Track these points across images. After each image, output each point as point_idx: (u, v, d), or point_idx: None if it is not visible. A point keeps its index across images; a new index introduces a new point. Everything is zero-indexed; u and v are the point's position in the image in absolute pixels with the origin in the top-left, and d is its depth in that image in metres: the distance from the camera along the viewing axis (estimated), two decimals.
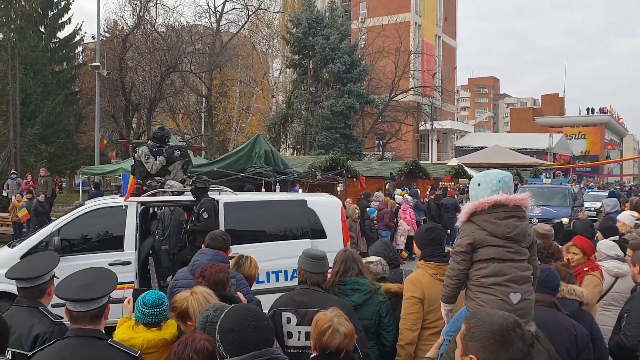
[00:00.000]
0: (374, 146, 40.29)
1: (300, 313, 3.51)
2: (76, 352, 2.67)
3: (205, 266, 3.93)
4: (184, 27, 30.93)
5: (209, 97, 31.74)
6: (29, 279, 3.24)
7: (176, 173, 8.46)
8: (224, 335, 2.39)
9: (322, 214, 7.79)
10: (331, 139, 28.94)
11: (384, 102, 35.19)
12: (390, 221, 13.50)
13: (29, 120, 28.92)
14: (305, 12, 31.04)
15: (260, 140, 14.08)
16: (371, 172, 20.55)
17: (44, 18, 33.49)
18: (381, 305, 3.88)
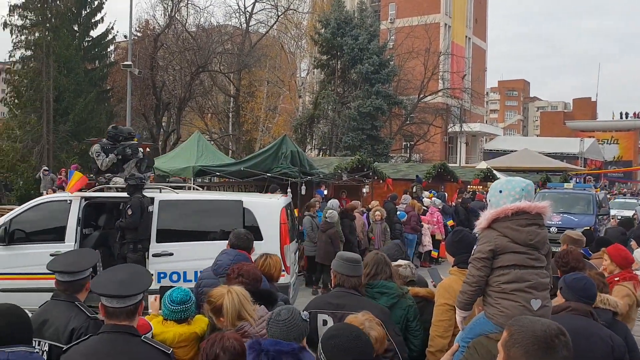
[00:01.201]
0: (401, 148, 40.06)
1: (337, 316, 3.49)
2: (110, 347, 2.71)
3: (238, 265, 3.94)
4: (214, 27, 31.23)
5: (237, 97, 31.96)
6: (71, 273, 3.32)
7: (129, 170, 8.52)
8: (327, 342, 2.46)
9: (260, 216, 7.57)
10: (358, 140, 28.85)
11: (412, 103, 34.97)
12: (417, 224, 13.40)
13: (61, 117, 29.54)
14: (334, 13, 31.01)
15: (287, 141, 14.09)
16: (398, 174, 20.40)
17: (78, 17, 34.14)
18: (409, 309, 3.84)
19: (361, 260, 3.78)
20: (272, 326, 2.88)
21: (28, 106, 29.04)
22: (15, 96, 30.78)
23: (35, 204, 7.82)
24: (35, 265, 7.27)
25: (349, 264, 3.66)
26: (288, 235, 7.56)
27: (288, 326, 2.86)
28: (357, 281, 3.66)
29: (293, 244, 8.05)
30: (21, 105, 29.93)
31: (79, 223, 7.59)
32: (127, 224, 7.60)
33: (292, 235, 8.02)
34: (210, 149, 15.81)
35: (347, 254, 3.80)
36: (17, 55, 30.25)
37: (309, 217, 11.37)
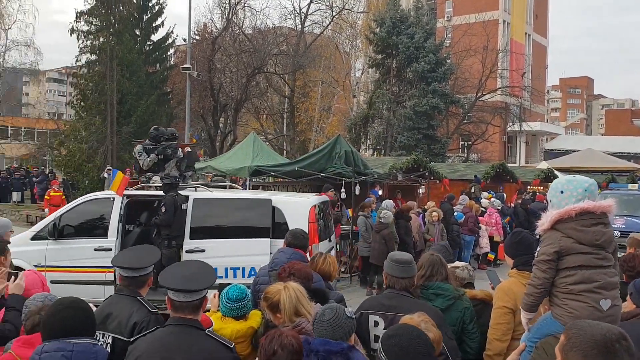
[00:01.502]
0: (458, 148, 39.33)
1: (389, 317, 3.49)
2: (176, 339, 2.80)
3: (289, 263, 3.97)
4: (269, 29, 31.61)
5: (291, 97, 32.22)
6: (135, 269, 3.43)
7: (170, 170, 8.89)
8: (386, 340, 2.45)
9: (289, 214, 7.70)
10: (413, 140, 28.50)
11: (469, 102, 34.25)
12: (475, 226, 13.11)
13: (124, 119, 30.62)
14: (390, 12, 30.77)
15: (341, 141, 14.08)
16: (455, 174, 20.02)
17: (140, 22, 35.31)
18: (465, 311, 3.78)
19: (413, 261, 3.74)
20: (317, 326, 2.88)
21: (93, 108, 30.26)
22: (82, 99, 32.14)
23: (82, 202, 8.37)
24: (80, 259, 7.81)
25: (399, 265, 3.65)
26: (317, 234, 7.61)
27: (333, 325, 2.86)
28: (408, 282, 3.63)
29: (324, 243, 8.06)
30: (87, 107, 31.23)
31: (120, 219, 7.97)
32: (161, 220, 7.97)
33: (323, 234, 8.08)
34: (265, 150, 16.02)
35: (398, 255, 3.77)
36: (83, 59, 31.58)
37: (363, 217, 11.32)
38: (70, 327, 2.49)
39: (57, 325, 2.50)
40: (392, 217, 10.79)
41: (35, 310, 3.17)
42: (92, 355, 2.47)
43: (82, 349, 2.46)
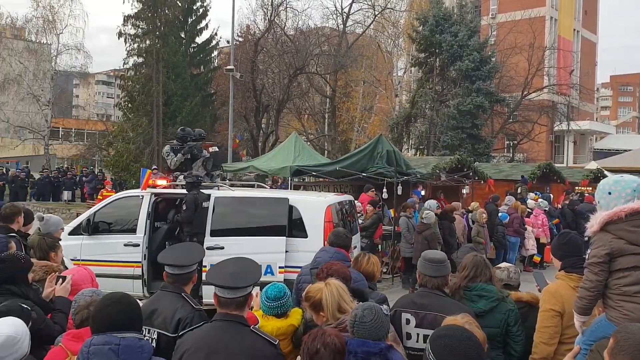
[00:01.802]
0: (503, 147, 38.54)
1: (420, 315, 3.52)
2: (222, 335, 2.88)
3: (327, 264, 3.97)
4: (311, 30, 31.72)
5: (333, 97, 32.24)
6: (181, 267, 3.50)
7: (197, 169, 9.14)
8: (436, 340, 2.43)
9: (305, 213, 7.77)
10: (457, 139, 28.07)
11: (515, 100, 33.48)
12: (520, 227, 12.82)
13: (170, 120, 31.27)
14: (433, 10, 30.42)
15: (383, 140, 14.00)
16: (500, 174, 19.60)
17: (184, 25, 36.01)
18: (509, 313, 3.73)
19: (446, 260, 3.73)
20: (358, 327, 2.85)
21: (140, 110, 31.03)
22: (129, 101, 33.03)
23: (114, 199, 8.80)
24: (110, 254, 8.12)
25: (431, 264, 3.65)
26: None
27: (375, 326, 2.86)
28: (441, 281, 3.63)
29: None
30: (134, 109, 32.06)
31: (148, 216, 8.27)
32: (182, 218, 8.23)
33: None
34: (306, 150, 16.09)
35: (431, 254, 3.77)
36: (130, 62, 32.47)
37: (405, 217, 11.22)
38: (118, 322, 2.55)
39: (105, 319, 2.57)
40: (435, 217, 10.65)
41: (84, 305, 3.28)
42: (138, 350, 2.53)
43: (129, 343, 2.51)
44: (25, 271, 3.80)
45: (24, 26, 34.41)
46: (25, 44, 34.04)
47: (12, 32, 35.76)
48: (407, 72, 39.25)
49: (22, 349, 2.85)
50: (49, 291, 3.92)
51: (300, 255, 7.45)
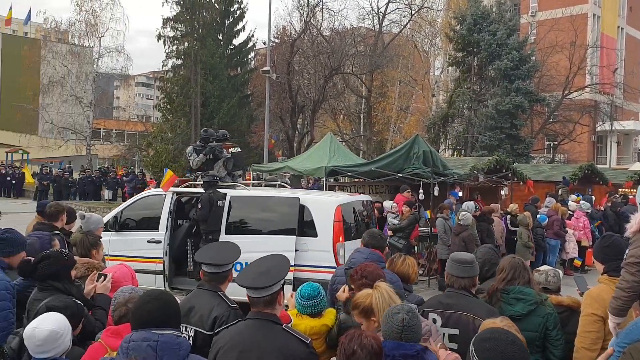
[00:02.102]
0: (543, 148, 37.67)
1: (445, 315, 3.55)
2: (255, 333, 2.93)
3: (361, 265, 3.95)
4: (347, 30, 31.67)
5: (368, 97, 32.12)
6: (218, 265, 3.56)
7: (218, 169, 9.32)
8: (480, 343, 2.41)
9: (315, 213, 7.85)
10: (495, 140, 27.57)
11: (555, 100, 32.69)
12: (561, 229, 12.51)
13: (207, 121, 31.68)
14: (471, 8, 29.98)
15: (419, 141, 13.86)
16: (540, 175, 19.17)
17: (222, 27, 36.47)
18: (548, 317, 3.66)
19: (474, 261, 3.72)
20: (407, 332, 2.82)
21: (178, 111, 31.56)
22: (168, 102, 33.62)
23: (139, 198, 9.26)
24: (135, 249, 8.44)
25: (458, 265, 3.67)
26: (342, 232, 7.73)
27: (414, 329, 2.85)
28: (468, 282, 3.64)
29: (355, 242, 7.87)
30: (172, 110, 32.62)
31: (170, 214, 8.62)
32: (197, 216, 8.53)
33: (353, 233, 8.10)
34: (342, 150, 16.07)
35: (459, 255, 3.78)
36: (169, 64, 33.07)
37: (441, 219, 11.10)
38: (156, 318, 2.59)
39: (144, 315, 2.62)
40: (472, 218, 10.50)
41: (122, 302, 3.36)
42: (175, 347, 2.56)
43: (167, 340, 2.55)
44: (68, 268, 3.91)
45: (67, 30, 35.41)
46: (68, 47, 35.03)
47: (57, 36, 36.86)
48: (444, 71, 38.82)
49: (64, 344, 2.93)
50: (89, 288, 4.02)
51: (310, 254, 7.70)
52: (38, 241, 4.80)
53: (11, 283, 4.11)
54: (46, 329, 2.86)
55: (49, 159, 36.76)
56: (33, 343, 2.90)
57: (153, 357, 2.51)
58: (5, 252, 4.21)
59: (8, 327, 3.93)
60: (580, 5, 44.16)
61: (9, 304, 4.04)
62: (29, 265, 3.91)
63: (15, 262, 4.22)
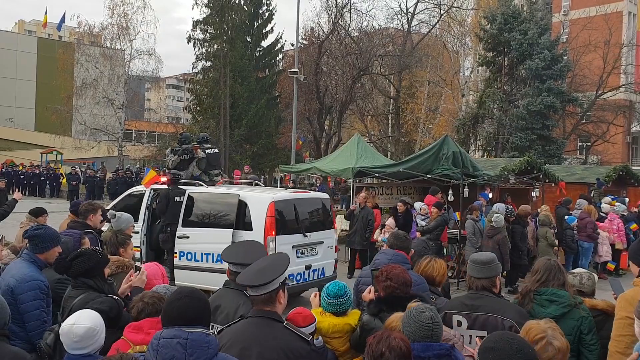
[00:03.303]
0: (576, 149, 36.92)
1: (471, 317, 3.50)
2: (255, 330, 2.96)
3: (387, 267, 3.92)
4: (375, 31, 31.55)
5: (397, 98, 31.92)
6: (244, 265, 3.58)
7: (192, 169, 10.25)
8: (484, 354, 2.38)
9: (252, 208, 8.50)
10: (527, 141, 27.13)
11: (589, 100, 32.01)
12: (594, 232, 12.23)
13: (236, 123, 31.96)
14: (501, 8, 29.56)
15: (449, 141, 13.73)
16: (572, 177, 18.78)
17: (251, 29, 36.75)
18: (582, 320, 3.58)
19: (493, 261, 3.66)
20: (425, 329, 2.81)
21: (208, 113, 31.92)
22: (197, 104, 34.02)
23: (128, 194, 10.34)
24: None
25: (474, 265, 3.63)
26: (273, 227, 8.29)
27: (440, 325, 2.85)
28: (486, 283, 3.59)
29: (289, 237, 8.58)
30: (202, 111, 33.01)
31: (148, 208, 9.62)
32: (156, 210, 9.49)
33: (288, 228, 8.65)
34: (369, 151, 16.01)
35: (476, 256, 3.74)
36: (198, 66, 33.47)
37: (471, 220, 10.95)
38: (187, 316, 2.62)
39: (174, 313, 2.64)
40: (504, 221, 10.36)
41: (138, 299, 3.43)
42: (205, 345, 2.58)
43: (196, 338, 2.57)
44: (101, 266, 3.98)
45: (100, 33, 36.11)
46: (101, 50, 35.69)
47: (89, 39, 37.61)
48: (474, 71, 38.34)
49: (99, 341, 2.98)
50: (125, 287, 4.08)
51: None
52: (69, 239, 4.91)
53: (45, 282, 4.20)
54: (83, 325, 2.92)
55: (82, 159, 37.53)
56: (70, 339, 2.95)
57: (182, 354, 2.53)
58: (39, 248, 4.30)
59: (42, 326, 4.03)
60: (615, 3, 43.19)
61: (42, 303, 4.13)
62: (64, 262, 3.99)
63: (51, 257, 4.32)
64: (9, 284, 4.09)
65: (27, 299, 4.05)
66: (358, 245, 11.98)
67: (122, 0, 33.83)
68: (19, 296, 4.04)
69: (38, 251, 4.30)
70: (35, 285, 4.10)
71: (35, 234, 4.34)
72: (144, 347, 2.95)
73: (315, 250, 9.10)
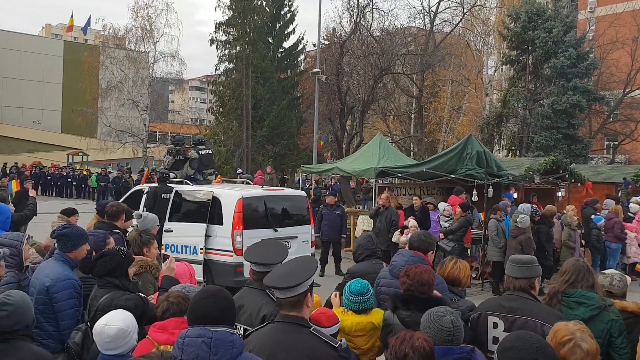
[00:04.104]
0: (603, 148, 36.24)
1: (509, 319, 3.39)
2: (282, 337, 2.91)
3: (408, 267, 3.89)
4: (397, 30, 31.40)
5: (419, 98, 31.72)
6: (267, 265, 3.58)
7: (186, 169, 10.96)
8: (503, 353, 2.35)
9: (224, 205, 9.18)
10: (552, 140, 26.72)
11: (616, 98, 31.42)
12: (622, 232, 11.99)
13: (258, 123, 32.09)
14: (525, 5, 29.16)
15: (472, 141, 13.60)
16: (599, 177, 18.44)
17: (272, 30, 36.86)
18: (612, 323, 3.49)
19: (532, 262, 3.57)
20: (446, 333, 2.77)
21: (230, 114, 32.11)
22: (220, 105, 34.25)
23: (132, 191, 11.12)
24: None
25: (513, 265, 3.53)
26: (241, 222, 8.98)
27: (461, 329, 2.81)
28: (525, 283, 3.48)
29: (258, 231, 9.08)
30: (225, 113, 33.21)
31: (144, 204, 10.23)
32: (145, 206, 9.93)
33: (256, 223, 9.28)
34: (391, 151, 15.92)
35: (516, 256, 3.66)
36: (221, 68, 33.68)
37: (494, 220, 10.83)
38: (212, 315, 2.63)
39: (199, 312, 2.66)
40: (529, 221, 10.22)
41: (163, 298, 3.44)
42: (229, 344, 2.58)
43: (221, 337, 2.58)
44: (126, 265, 4.01)
45: (124, 36, 36.62)
46: (125, 53, 36.20)
47: (114, 42, 38.18)
48: (497, 70, 37.92)
49: (132, 342, 3.00)
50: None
51: (217, 240, 9.15)
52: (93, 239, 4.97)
53: (78, 282, 4.25)
54: (115, 326, 2.94)
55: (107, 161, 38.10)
56: (103, 340, 2.98)
57: (207, 353, 2.54)
58: (67, 246, 4.35)
59: (75, 325, 4.07)
60: None
61: (76, 302, 4.19)
62: (89, 262, 4.04)
63: (80, 255, 4.39)
64: (44, 283, 4.12)
65: (62, 297, 4.10)
66: (381, 245, 11.90)
67: (146, 3, 34.29)
68: (54, 295, 4.08)
69: (67, 250, 4.35)
70: (70, 284, 4.15)
71: (62, 233, 4.40)
72: (168, 346, 2.97)
73: (289, 244, 9.50)
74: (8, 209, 6.44)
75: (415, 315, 3.37)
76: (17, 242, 4.65)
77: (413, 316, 3.42)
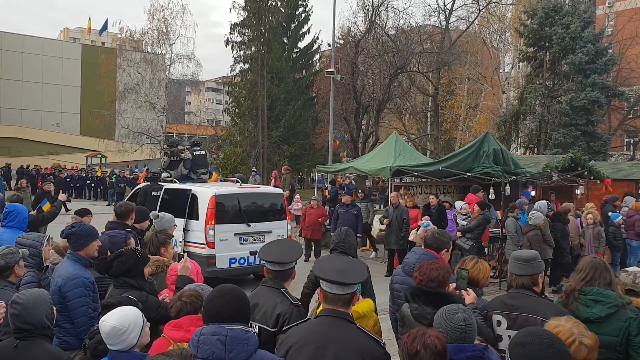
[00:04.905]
0: (622, 145, 35.72)
1: (511, 317, 3.44)
2: (329, 331, 2.90)
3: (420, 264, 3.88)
4: (412, 28, 31.25)
5: (435, 96, 31.55)
6: (282, 263, 3.59)
7: (180, 169, 11.82)
8: (514, 349, 2.35)
9: (200, 201, 10.02)
10: (570, 137, 26.38)
11: (636, 94, 30.94)
12: None
13: (274, 124, 32.16)
14: (542, 2, 28.85)
15: (489, 139, 13.49)
16: (619, 174, 18.17)
17: (287, 30, 36.91)
18: (630, 322, 3.44)
19: (535, 259, 3.58)
20: (458, 331, 2.76)
21: (246, 114, 32.21)
22: (236, 106, 34.40)
23: (133, 191, 11.88)
24: None
25: (515, 262, 3.56)
26: (213, 217, 9.83)
27: (474, 326, 2.80)
28: (527, 281, 3.52)
29: (231, 226, 10.03)
30: (240, 114, 33.34)
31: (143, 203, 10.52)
32: (136, 203, 10.02)
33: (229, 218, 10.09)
34: (407, 149, 15.85)
35: (518, 253, 3.67)
36: (236, 69, 33.82)
37: (512, 218, 10.74)
38: (227, 313, 2.65)
39: (214, 310, 2.68)
40: (543, 218, 10.11)
41: (175, 298, 3.47)
42: (244, 342, 2.60)
43: (236, 335, 2.60)
44: (141, 265, 4.05)
45: (141, 38, 36.94)
46: (142, 55, 36.52)
47: (131, 45, 38.54)
48: (514, 67, 37.56)
49: (129, 340, 2.99)
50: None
51: (193, 233, 10.02)
52: (114, 240, 5.02)
53: (90, 279, 4.30)
54: (109, 324, 2.96)
55: (125, 162, 38.50)
56: (102, 335, 3.03)
57: (222, 351, 2.56)
58: (77, 245, 4.41)
59: (89, 322, 4.14)
60: None
61: (87, 300, 4.24)
62: (105, 262, 4.08)
63: (92, 252, 4.44)
64: (56, 283, 4.23)
65: (73, 296, 4.17)
66: (394, 244, 11.87)
67: (162, 6, 34.60)
68: (66, 294, 4.16)
69: (77, 248, 4.40)
70: (80, 282, 4.21)
71: (71, 232, 4.46)
72: (184, 344, 3.00)
73: (262, 238, 10.29)
74: (25, 209, 6.54)
75: (422, 308, 3.45)
76: (38, 243, 4.74)
77: (420, 309, 3.48)
